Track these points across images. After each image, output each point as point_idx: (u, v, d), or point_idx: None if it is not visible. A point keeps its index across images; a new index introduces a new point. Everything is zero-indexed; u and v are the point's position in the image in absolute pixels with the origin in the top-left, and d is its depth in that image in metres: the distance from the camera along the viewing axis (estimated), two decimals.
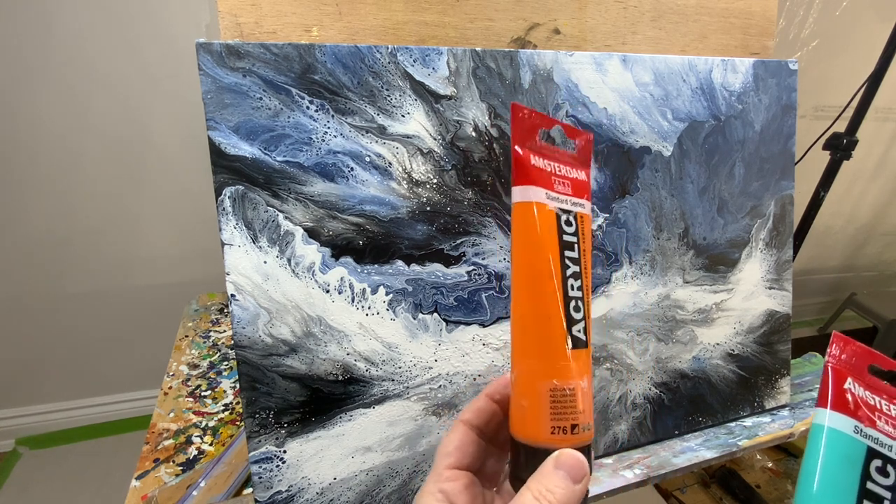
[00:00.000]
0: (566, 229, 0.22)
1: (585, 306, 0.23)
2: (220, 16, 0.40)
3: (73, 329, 1.25)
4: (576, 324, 0.22)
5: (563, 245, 0.22)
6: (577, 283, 0.22)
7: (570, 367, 0.22)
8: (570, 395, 0.21)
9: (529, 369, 0.22)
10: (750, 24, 0.56)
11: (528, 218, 0.22)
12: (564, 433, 0.22)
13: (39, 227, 1.14)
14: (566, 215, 0.23)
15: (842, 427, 0.25)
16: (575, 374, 0.22)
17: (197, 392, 0.63)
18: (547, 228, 0.22)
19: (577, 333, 0.22)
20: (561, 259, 0.22)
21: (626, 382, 0.49)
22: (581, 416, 0.22)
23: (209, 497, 0.47)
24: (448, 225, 0.41)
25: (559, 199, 0.23)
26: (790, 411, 0.56)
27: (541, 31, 0.49)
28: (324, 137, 0.38)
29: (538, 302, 0.22)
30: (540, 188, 0.23)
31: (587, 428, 0.22)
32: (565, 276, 0.22)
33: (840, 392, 0.26)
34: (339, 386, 0.39)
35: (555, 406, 0.22)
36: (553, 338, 0.22)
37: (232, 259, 0.36)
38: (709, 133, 0.49)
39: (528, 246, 0.22)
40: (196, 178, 1.17)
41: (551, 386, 0.22)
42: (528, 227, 0.22)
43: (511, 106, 0.23)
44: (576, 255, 0.23)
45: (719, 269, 0.52)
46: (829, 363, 0.27)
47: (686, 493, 0.90)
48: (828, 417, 0.25)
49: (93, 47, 1.03)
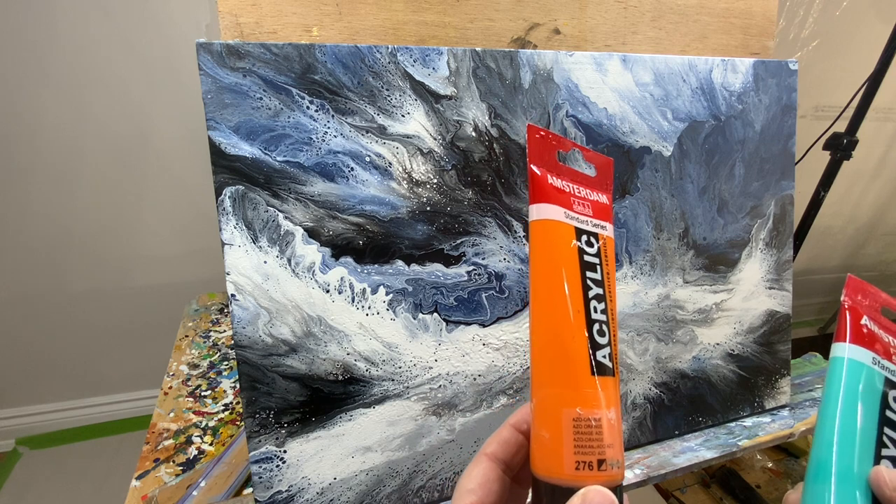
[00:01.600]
0: (587, 249, 0.21)
1: (611, 333, 0.21)
2: (220, 16, 0.40)
3: (73, 329, 1.25)
4: (601, 349, 0.20)
5: (585, 265, 0.21)
6: (602, 305, 0.21)
7: (596, 395, 0.20)
8: (595, 426, 0.20)
9: (550, 396, 0.20)
10: (750, 24, 0.56)
11: (547, 235, 0.21)
12: (591, 469, 0.19)
13: (39, 228, 1.14)
14: (587, 235, 0.22)
15: (861, 358, 0.26)
16: (601, 403, 0.20)
17: (197, 392, 0.63)
18: (566, 247, 0.21)
19: (603, 359, 0.20)
20: (582, 279, 0.21)
21: (627, 382, 0.49)
22: (609, 450, 0.20)
23: (209, 497, 0.47)
24: (448, 225, 0.41)
25: (579, 219, 0.22)
26: (790, 411, 0.56)
27: (541, 31, 0.49)
28: (324, 137, 0.38)
29: (559, 322, 0.21)
30: (558, 206, 0.22)
31: (617, 465, 0.20)
32: (587, 297, 0.21)
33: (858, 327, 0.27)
34: (339, 386, 0.39)
35: (579, 438, 0.20)
36: (576, 361, 0.20)
37: (232, 259, 0.36)
38: (709, 133, 0.49)
39: (547, 263, 0.21)
40: (196, 178, 1.17)
41: (574, 415, 0.20)
42: (547, 244, 0.21)
43: (527, 128, 0.22)
44: (598, 277, 0.21)
45: (719, 269, 0.52)
46: (845, 302, 0.28)
47: (686, 493, 0.90)
48: (847, 350, 0.26)
49: (93, 47, 1.03)
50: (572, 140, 0.24)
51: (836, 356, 0.27)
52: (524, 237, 0.44)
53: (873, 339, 0.27)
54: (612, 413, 0.20)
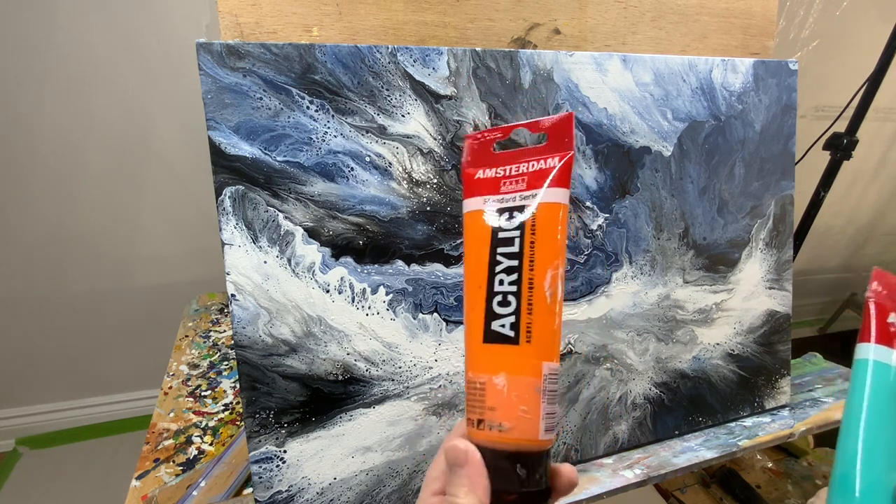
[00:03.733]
0: (504, 225, 0.23)
1: (524, 303, 0.22)
2: (220, 16, 0.40)
3: (73, 329, 1.25)
4: (497, 318, 0.22)
5: (497, 242, 0.23)
6: (511, 277, 0.22)
7: (483, 361, 0.22)
8: (479, 389, 0.22)
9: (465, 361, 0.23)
10: (750, 24, 0.56)
11: (468, 225, 0.24)
12: (472, 426, 0.22)
13: (39, 228, 1.14)
14: (508, 212, 0.23)
15: (888, 360, 0.25)
16: (487, 368, 0.22)
17: (197, 392, 0.63)
18: (478, 232, 0.23)
19: (499, 328, 0.22)
20: (491, 256, 0.23)
21: (627, 382, 0.49)
22: (490, 412, 0.21)
23: (209, 497, 0.47)
24: (448, 225, 0.41)
25: (503, 199, 0.23)
26: (790, 411, 0.56)
27: (541, 31, 0.49)
28: (324, 137, 0.38)
29: (468, 297, 0.23)
30: (479, 197, 0.24)
31: (498, 427, 0.21)
32: (492, 271, 0.22)
33: (884, 326, 0.25)
34: (340, 386, 0.39)
35: (469, 398, 0.22)
36: (472, 331, 0.23)
37: (232, 259, 0.36)
38: (709, 133, 0.49)
39: (467, 250, 0.24)
40: (196, 178, 1.17)
41: (468, 377, 0.22)
42: (468, 232, 0.24)
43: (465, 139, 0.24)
44: (515, 250, 0.22)
45: (719, 269, 0.52)
46: (870, 298, 0.26)
47: (686, 493, 0.90)
48: (873, 351, 0.25)
49: (93, 47, 1.03)
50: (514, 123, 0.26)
51: (860, 358, 0.25)
52: None
53: None
54: (501, 378, 0.21)
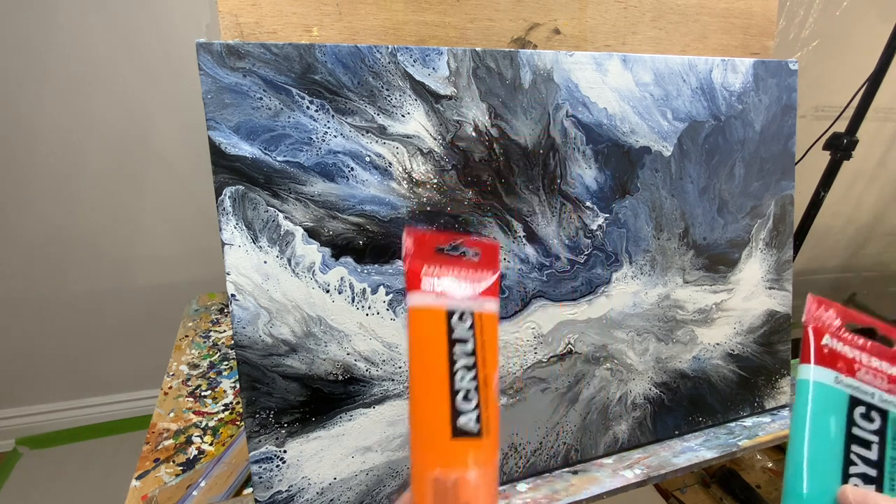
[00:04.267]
0: (458, 325, 0.23)
1: (483, 398, 0.23)
2: (220, 16, 0.40)
3: (73, 329, 1.25)
4: (463, 414, 0.22)
5: (454, 341, 0.23)
6: (471, 374, 0.23)
7: (454, 457, 0.22)
8: (452, 486, 0.21)
9: (418, 461, 0.22)
10: (750, 25, 0.56)
11: (418, 320, 0.24)
12: None
13: (39, 228, 1.14)
14: (459, 314, 0.24)
15: (824, 379, 0.27)
16: (458, 464, 0.22)
17: (197, 392, 0.63)
18: (434, 327, 0.23)
19: (466, 423, 0.22)
20: (449, 352, 0.23)
21: (627, 382, 0.49)
22: None
23: (209, 497, 0.47)
24: (448, 225, 0.41)
25: (454, 299, 0.24)
26: (790, 411, 0.56)
27: (541, 31, 0.49)
28: (324, 137, 0.38)
29: (423, 394, 0.23)
30: (429, 294, 0.24)
31: None
32: (452, 368, 0.23)
33: (820, 348, 0.28)
34: (340, 386, 0.39)
35: (437, 498, 0.21)
36: (436, 428, 0.22)
37: (232, 259, 0.36)
38: (709, 133, 0.49)
39: (417, 343, 0.23)
40: (196, 178, 1.17)
41: (434, 476, 0.22)
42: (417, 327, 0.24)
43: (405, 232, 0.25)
44: (470, 349, 0.23)
45: (719, 269, 0.52)
46: (807, 323, 0.29)
47: (686, 493, 0.90)
48: (812, 372, 0.27)
49: (93, 47, 1.03)
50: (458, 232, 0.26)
51: (801, 378, 0.27)
52: (524, 237, 0.44)
53: (835, 357, 0.27)
54: (473, 472, 0.22)
